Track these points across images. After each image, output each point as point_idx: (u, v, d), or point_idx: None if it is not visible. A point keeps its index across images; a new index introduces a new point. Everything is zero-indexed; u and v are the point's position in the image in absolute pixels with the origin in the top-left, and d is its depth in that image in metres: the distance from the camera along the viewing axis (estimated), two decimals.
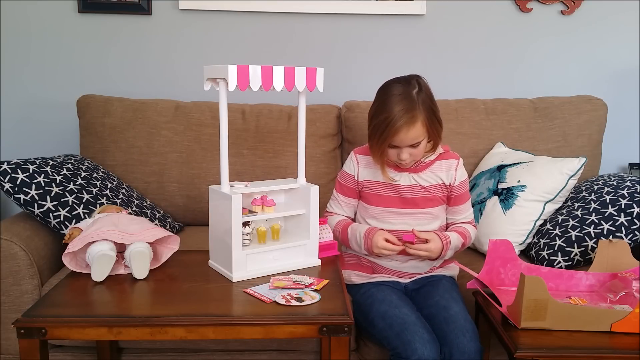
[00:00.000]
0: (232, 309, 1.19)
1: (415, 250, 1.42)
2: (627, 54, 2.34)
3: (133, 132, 2.01)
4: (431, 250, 1.42)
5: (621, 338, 1.20)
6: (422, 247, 1.42)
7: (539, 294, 1.19)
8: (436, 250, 1.43)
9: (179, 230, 2.01)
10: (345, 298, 1.22)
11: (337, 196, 1.59)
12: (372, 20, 2.29)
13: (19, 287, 1.53)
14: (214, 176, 2.00)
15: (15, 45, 2.24)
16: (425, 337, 1.28)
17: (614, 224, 1.63)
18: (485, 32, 2.32)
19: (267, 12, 2.26)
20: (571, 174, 1.76)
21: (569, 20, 2.31)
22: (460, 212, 1.56)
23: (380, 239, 1.43)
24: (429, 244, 1.42)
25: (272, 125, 2.05)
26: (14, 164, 1.63)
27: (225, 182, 1.32)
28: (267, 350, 1.57)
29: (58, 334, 1.12)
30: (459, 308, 1.38)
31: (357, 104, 2.07)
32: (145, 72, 2.30)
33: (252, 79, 1.23)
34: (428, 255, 1.44)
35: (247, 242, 1.34)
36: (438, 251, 1.43)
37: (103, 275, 1.28)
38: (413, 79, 1.42)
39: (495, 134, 2.05)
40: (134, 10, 2.23)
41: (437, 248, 1.43)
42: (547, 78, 2.35)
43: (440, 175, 1.51)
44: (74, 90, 2.20)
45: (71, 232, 1.41)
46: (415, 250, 1.42)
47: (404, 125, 1.36)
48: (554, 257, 1.66)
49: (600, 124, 2.09)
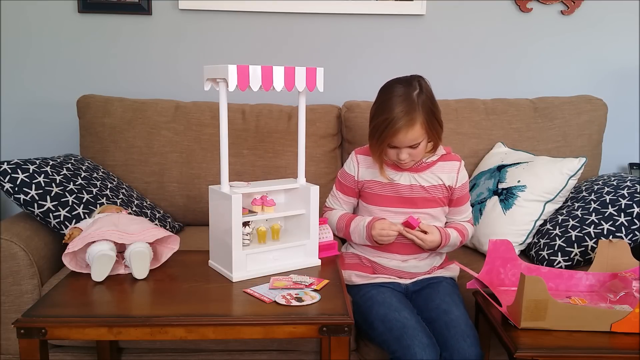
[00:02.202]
0: (232, 309, 1.19)
1: (412, 236, 1.44)
2: (627, 54, 2.34)
3: (133, 132, 2.01)
4: (426, 241, 1.44)
5: (621, 338, 1.20)
6: (419, 235, 1.44)
7: (539, 294, 1.19)
8: (431, 244, 1.45)
9: (179, 230, 2.01)
10: (345, 298, 1.22)
11: (337, 194, 1.60)
12: (372, 20, 2.29)
13: (19, 287, 1.53)
14: (214, 176, 2.00)
15: (15, 45, 2.25)
16: (424, 342, 1.28)
17: (614, 224, 1.63)
18: (485, 32, 2.32)
19: (267, 12, 2.26)
20: (571, 174, 1.76)
21: (569, 20, 2.31)
22: (461, 212, 1.57)
23: (379, 222, 1.45)
24: (426, 235, 1.44)
25: (272, 125, 2.05)
26: (14, 164, 1.63)
27: (225, 182, 1.32)
28: (267, 350, 1.57)
29: (58, 334, 1.12)
30: (459, 312, 1.38)
31: (357, 104, 2.07)
32: (145, 72, 2.30)
33: (252, 79, 1.23)
34: (421, 245, 1.45)
35: (247, 242, 1.34)
36: (433, 245, 1.46)
37: (103, 275, 1.28)
38: (414, 80, 1.43)
39: (495, 134, 2.05)
40: (134, 10, 2.23)
41: (432, 242, 1.45)
42: (547, 78, 2.36)
43: (442, 177, 1.51)
44: (74, 90, 2.20)
45: (71, 232, 1.41)
46: (412, 235, 1.44)
47: (403, 126, 1.37)
48: (554, 257, 1.66)
49: (600, 124, 2.09)
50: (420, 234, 1.45)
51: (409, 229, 1.45)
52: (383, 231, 1.44)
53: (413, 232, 1.44)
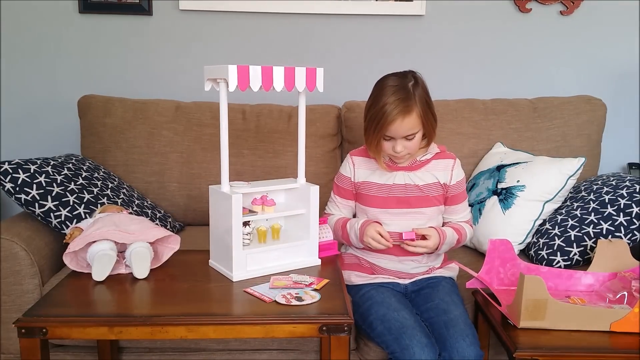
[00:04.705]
0: (232, 308, 1.20)
1: (414, 248, 1.44)
2: (627, 54, 2.34)
3: (134, 132, 2.02)
4: (430, 247, 1.44)
5: (620, 338, 1.20)
6: (422, 244, 1.43)
7: (539, 293, 1.20)
8: (435, 246, 1.45)
9: (179, 230, 2.02)
10: (345, 297, 1.23)
11: (335, 198, 1.60)
12: (372, 20, 2.29)
13: (19, 287, 1.53)
14: (214, 176, 2.00)
15: (16, 45, 2.25)
16: (423, 341, 1.28)
17: (613, 223, 1.64)
18: (485, 33, 2.32)
19: (267, 13, 2.26)
20: (570, 174, 1.76)
21: (568, 20, 2.31)
22: (457, 212, 1.56)
23: (372, 229, 1.44)
24: (427, 242, 1.43)
25: (272, 125, 2.05)
26: (15, 164, 1.63)
27: (225, 182, 1.32)
28: (268, 350, 1.57)
29: (59, 333, 1.12)
30: (459, 312, 1.38)
31: (357, 104, 2.08)
32: (146, 73, 2.30)
33: (252, 79, 1.23)
34: (426, 252, 1.45)
35: (247, 242, 1.34)
36: (435, 247, 1.45)
37: (104, 274, 1.28)
38: (409, 74, 1.44)
39: (495, 134, 2.05)
40: (134, 10, 2.24)
41: (436, 244, 1.45)
42: (546, 78, 2.36)
43: (437, 174, 1.51)
44: (74, 91, 2.21)
45: (72, 231, 1.41)
46: (414, 247, 1.43)
47: (399, 114, 1.38)
48: (553, 257, 1.66)
49: (599, 124, 2.10)
50: (422, 242, 1.43)
51: (410, 243, 1.44)
52: (372, 241, 1.44)
53: (414, 243, 1.43)
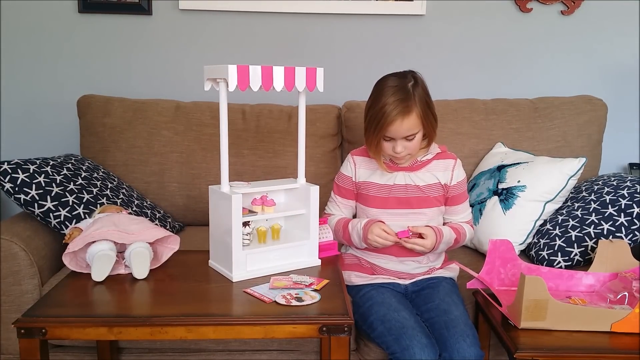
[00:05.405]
0: (232, 308, 1.19)
1: (412, 245, 1.43)
2: (627, 54, 2.34)
3: (133, 132, 2.01)
4: (427, 246, 1.43)
5: (621, 338, 1.20)
6: (419, 241, 1.43)
7: (539, 294, 1.19)
8: (431, 245, 1.44)
9: (179, 230, 2.01)
10: (345, 298, 1.22)
11: (335, 198, 1.59)
12: (372, 20, 2.29)
13: (19, 287, 1.53)
14: (214, 176, 2.00)
15: (16, 45, 2.25)
16: (423, 342, 1.28)
17: (614, 224, 1.63)
18: (485, 32, 2.32)
19: (267, 12, 2.26)
20: (571, 174, 1.76)
21: (569, 20, 2.31)
22: (458, 212, 1.56)
23: (377, 228, 1.44)
24: (424, 240, 1.43)
25: (272, 125, 2.05)
26: (14, 164, 1.63)
27: (225, 182, 1.32)
28: (267, 350, 1.57)
29: (58, 333, 1.12)
30: (459, 312, 1.38)
31: (357, 104, 2.07)
32: (145, 72, 2.30)
33: (252, 79, 1.23)
34: (423, 250, 1.45)
35: (247, 242, 1.34)
36: (432, 246, 1.44)
37: (103, 275, 1.28)
38: (409, 74, 1.44)
39: (495, 134, 2.05)
40: (134, 10, 2.23)
41: (432, 244, 1.44)
42: (547, 78, 2.36)
43: (437, 175, 1.51)
44: (74, 91, 2.20)
45: (71, 232, 1.41)
46: (412, 244, 1.43)
47: (398, 115, 1.37)
48: (554, 257, 1.66)
49: (600, 124, 2.09)
50: (418, 240, 1.43)
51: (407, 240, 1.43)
52: (379, 238, 1.43)
53: (411, 241, 1.43)
